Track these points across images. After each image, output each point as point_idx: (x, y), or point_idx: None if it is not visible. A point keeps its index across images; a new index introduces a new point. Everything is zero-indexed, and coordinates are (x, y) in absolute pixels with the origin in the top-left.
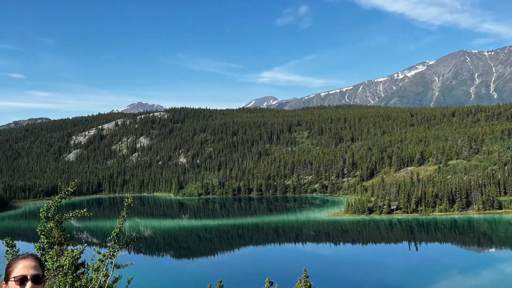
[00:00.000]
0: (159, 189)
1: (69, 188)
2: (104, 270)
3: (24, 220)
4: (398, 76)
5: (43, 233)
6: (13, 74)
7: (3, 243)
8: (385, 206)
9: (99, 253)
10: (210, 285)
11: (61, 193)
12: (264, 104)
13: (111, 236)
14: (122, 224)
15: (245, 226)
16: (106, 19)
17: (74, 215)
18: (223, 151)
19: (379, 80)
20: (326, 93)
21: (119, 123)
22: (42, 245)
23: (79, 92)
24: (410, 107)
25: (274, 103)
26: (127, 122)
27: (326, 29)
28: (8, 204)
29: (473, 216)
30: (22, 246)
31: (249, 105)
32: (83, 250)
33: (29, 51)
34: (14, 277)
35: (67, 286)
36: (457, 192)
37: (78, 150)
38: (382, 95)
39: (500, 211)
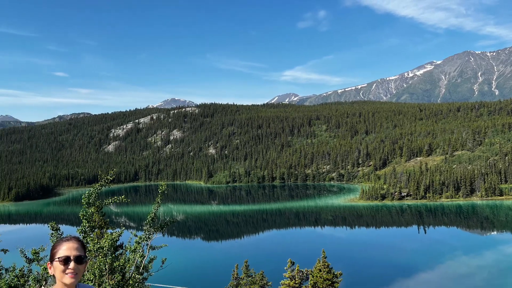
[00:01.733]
0: (191, 178)
1: (108, 177)
2: (140, 251)
3: (67, 206)
4: (408, 74)
5: (85, 217)
6: (58, 73)
7: (48, 226)
8: (396, 193)
9: (136, 235)
10: (237, 265)
11: (101, 181)
12: (286, 100)
13: (147, 220)
14: (157, 209)
15: (268, 211)
16: (142, 23)
17: (113, 201)
18: (249, 143)
19: (391, 78)
20: (343, 90)
21: (154, 117)
22: (84, 228)
23: (117, 89)
24: (419, 103)
25: (295, 99)
26: (162, 117)
27: (343, 32)
28: (53, 191)
29: (477, 202)
30: (66, 229)
31: (273, 101)
32: (121, 233)
33: (72, 52)
34: (58, 258)
35: (107, 266)
36: (462, 180)
37: (116, 142)
38: (394, 92)
39: (501, 197)
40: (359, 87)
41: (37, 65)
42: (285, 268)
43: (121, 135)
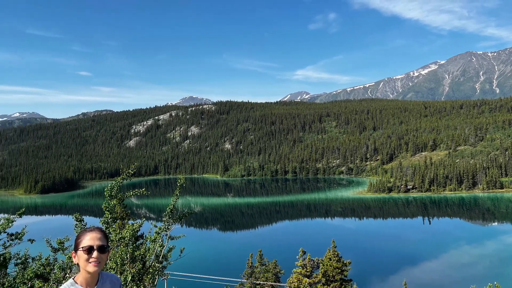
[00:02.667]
0: (207, 171)
1: (129, 170)
2: (160, 241)
3: (91, 198)
4: (413, 73)
5: (107, 209)
6: (82, 72)
7: (73, 217)
8: (402, 186)
9: (156, 226)
10: (252, 254)
11: (123, 175)
12: (298, 98)
13: (166, 212)
14: (176, 201)
15: (281, 203)
16: (162, 25)
17: (134, 193)
18: (263, 139)
19: (397, 77)
20: (352, 88)
21: (173, 114)
22: (107, 219)
23: (138, 88)
24: (424, 100)
25: (306, 97)
26: (180, 114)
27: (352, 33)
28: (77, 184)
29: (478, 194)
30: (89, 220)
31: (285, 99)
32: (141, 224)
33: (95, 52)
34: (82, 247)
35: (128, 255)
36: (465, 174)
37: (137, 137)
38: (400, 90)
39: (501, 190)
40: (367, 85)
41: (62, 65)
42: (297, 257)
43: (141, 131)
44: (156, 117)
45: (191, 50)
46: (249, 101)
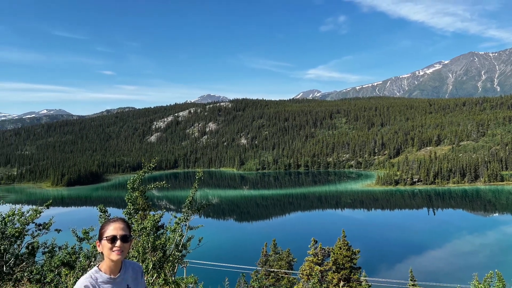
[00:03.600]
0: (224, 165)
1: (151, 164)
2: (179, 231)
3: (114, 190)
4: (419, 73)
5: (130, 201)
6: (105, 72)
7: (97, 209)
8: (408, 179)
9: (176, 217)
10: (266, 243)
11: (145, 168)
12: (310, 96)
13: (185, 203)
14: (194, 193)
15: (294, 195)
16: (181, 27)
17: (155, 186)
18: (277, 134)
19: (403, 76)
20: (361, 87)
21: (192, 111)
22: (129, 210)
23: (159, 86)
24: (429, 98)
25: (318, 95)
26: (198, 111)
27: (361, 35)
28: (101, 177)
29: (480, 187)
30: (113, 211)
31: (298, 97)
32: (162, 214)
33: (118, 53)
34: (106, 237)
35: (149, 244)
36: (467, 167)
37: (158, 133)
38: (406, 89)
39: (502, 183)
40: (375, 84)
41: (87, 65)
42: (309, 246)
43: (162, 127)
44: (176, 114)
45: (209, 50)
46: (264, 99)
